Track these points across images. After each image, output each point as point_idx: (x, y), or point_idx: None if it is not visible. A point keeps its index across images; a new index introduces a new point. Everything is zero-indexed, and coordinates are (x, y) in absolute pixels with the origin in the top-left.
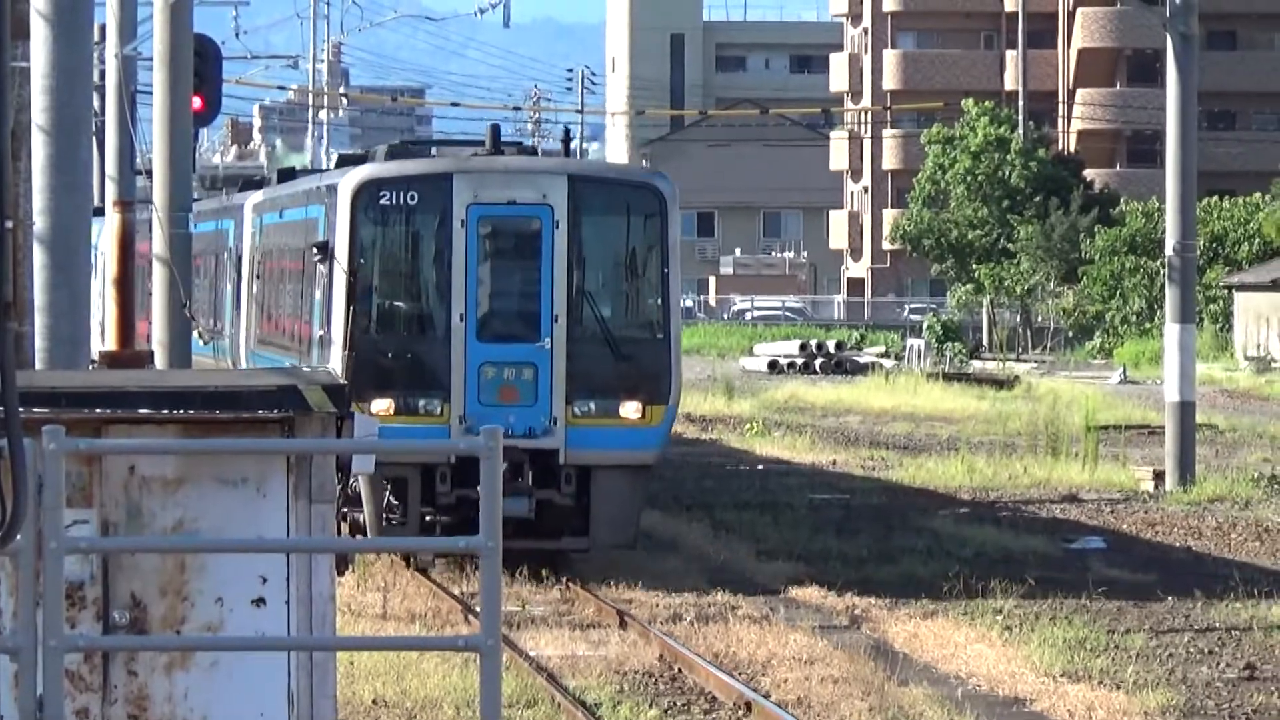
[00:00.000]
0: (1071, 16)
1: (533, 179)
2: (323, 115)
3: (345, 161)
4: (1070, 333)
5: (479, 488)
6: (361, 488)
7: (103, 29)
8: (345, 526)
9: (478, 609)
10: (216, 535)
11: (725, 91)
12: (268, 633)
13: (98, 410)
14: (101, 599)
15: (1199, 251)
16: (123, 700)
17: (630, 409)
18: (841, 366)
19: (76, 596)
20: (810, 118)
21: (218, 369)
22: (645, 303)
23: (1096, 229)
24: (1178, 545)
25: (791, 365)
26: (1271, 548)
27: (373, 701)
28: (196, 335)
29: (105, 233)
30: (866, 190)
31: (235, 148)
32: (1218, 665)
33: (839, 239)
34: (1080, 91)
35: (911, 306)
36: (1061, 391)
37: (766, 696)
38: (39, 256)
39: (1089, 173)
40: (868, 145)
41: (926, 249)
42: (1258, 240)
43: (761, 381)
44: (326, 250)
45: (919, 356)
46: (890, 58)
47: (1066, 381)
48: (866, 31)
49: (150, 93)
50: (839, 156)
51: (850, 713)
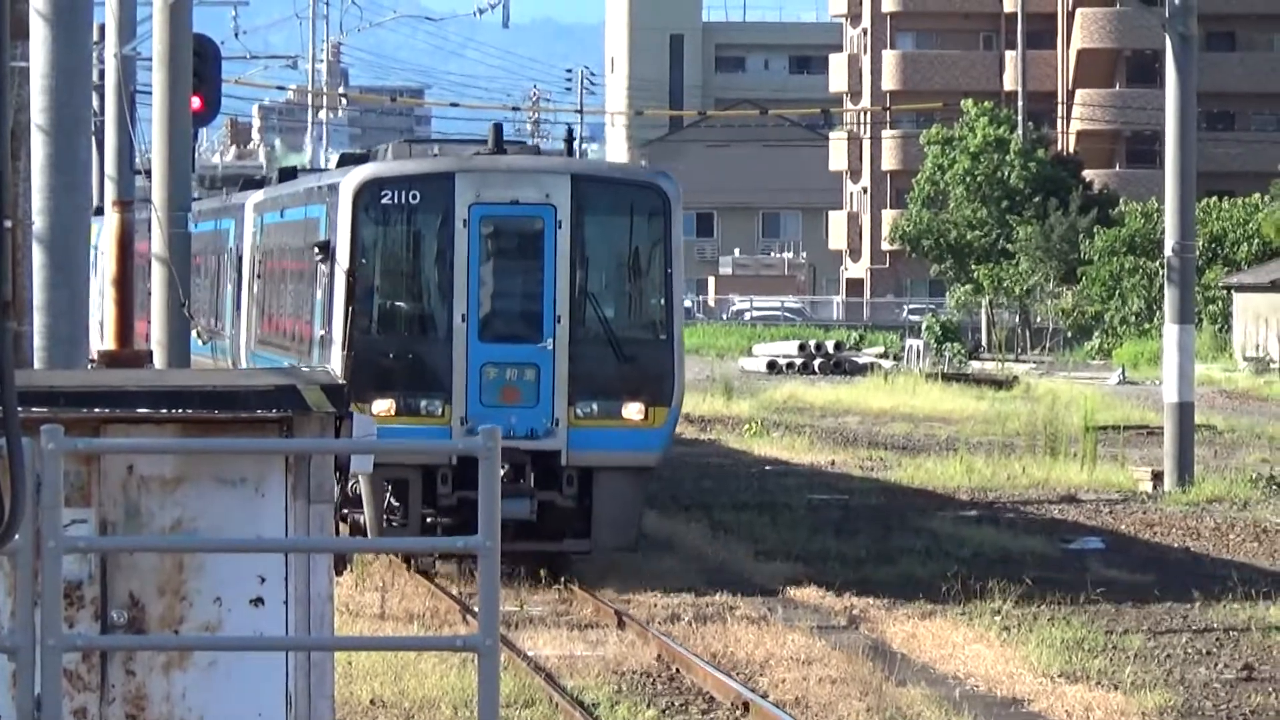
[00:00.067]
0: (1071, 17)
1: (536, 178)
2: (322, 115)
3: (347, 160)
4: (1069, 333)
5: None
6: (362, 489)
7: (102, 29)
8: (345, 527)
9: (476, 609)
10: (215, 535)
11: (724, 92)
12: (266, 632)
13: (96, 410)
14: (100, 598)
15: (1198, 252)
16: (121, 700)
17: (633, 410)
18: (840, 367)
19: (75, 596)
20: (809, 118)
21: (216, 369)
22: (648, 303)
23: (1095, 229)
24: (1176, 546)
25: (790, 366)
26: (1270, 548)
27: (370, 701)
28: (195, 335)
29: (104, 232)
30: (865, 191)
31: (234, 148)
32: (1216, 666)
33: (838, 239)
34: (1079, 92)
35: (910, 307)
36: (1060, 392)
37: (764, 696)
38: (38, 256)
39: (1088, 173)
40: (867, 146)
41: (925, 249)
42: (1257, 241)
43: (760, 382)
44: (328, 250)
45: (918, 357)
46: (889, 58)
47: (1065, 382)
48: (866, 32)
49: (149, 92)
50: (838, 157)
51: (848, 713)
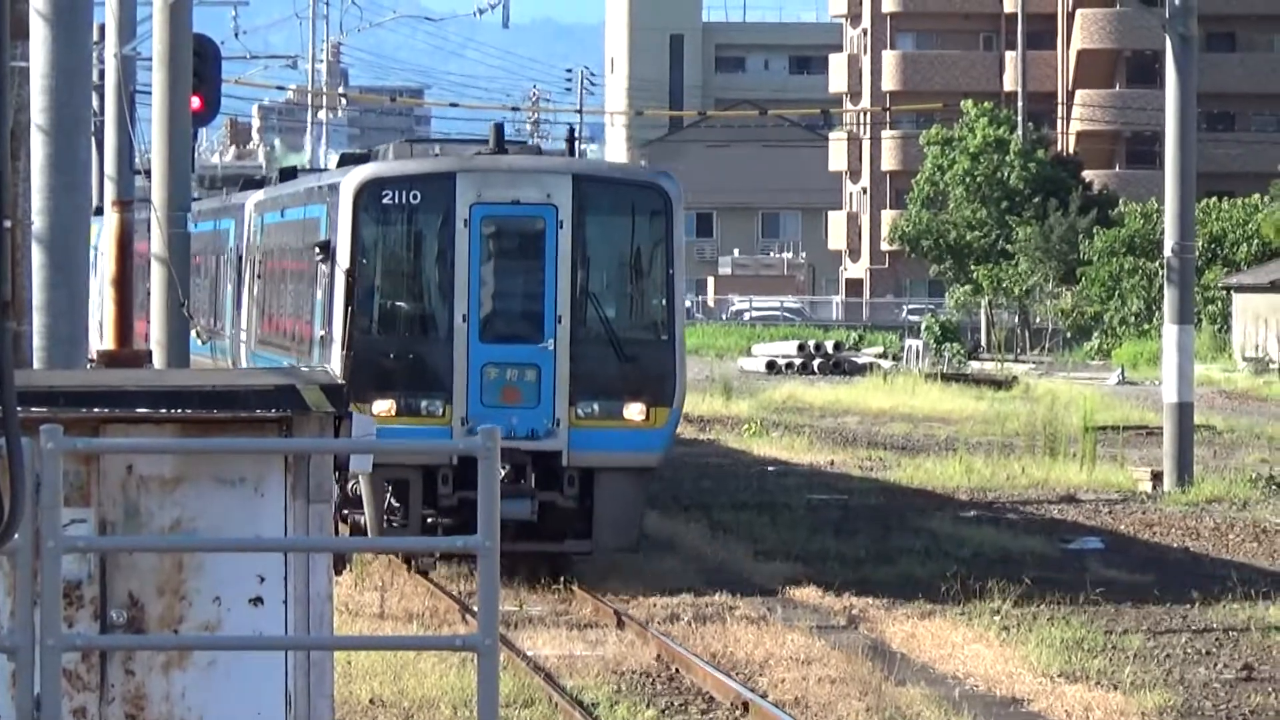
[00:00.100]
0: (1071, 18)
1: (537, 178)
2: (322, 115)
3: (348, 160)
4: (1068, 333)
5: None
6: (363, 489)
7: (102, 29)
8: (346, 528)
9: (475, 609)
10: (214, 534)
11: (724, 92)
12: (265, 632)
13: (96, 409)
14: (99, 598)
15: (1197, 252)
16: (120, 699)
17: (634, 411)
18: (840, 367)
19: (74, 595)
20: (809, 118)
21: (216, 369)
22: (649, 304)
23: (1095, 230)
24: (1175, 546)
25: (789, 366)
26: (1269, 548)
27: (370, 701)
28: (194, 335)
29: (104, 232)
30: (865, 191)
31: (234, 147)
32: (1215, 666)
33: (837, 240)
34: (1079, 93)
35: (910, 307)
36: (1060, 392)
37: (764, 696)
38: (37, 256)
39: (1088, 174)
40: (866, 146)
41: (925, 250)
42: (1256, 241)
43: (759, 382)
44: (328, 250)
45: (917, 357)
46: (889, 59)
47: (1065, 382)
48: (866, 32)
49: (149, 92)
50: (838, 157)
51: (847, 713)
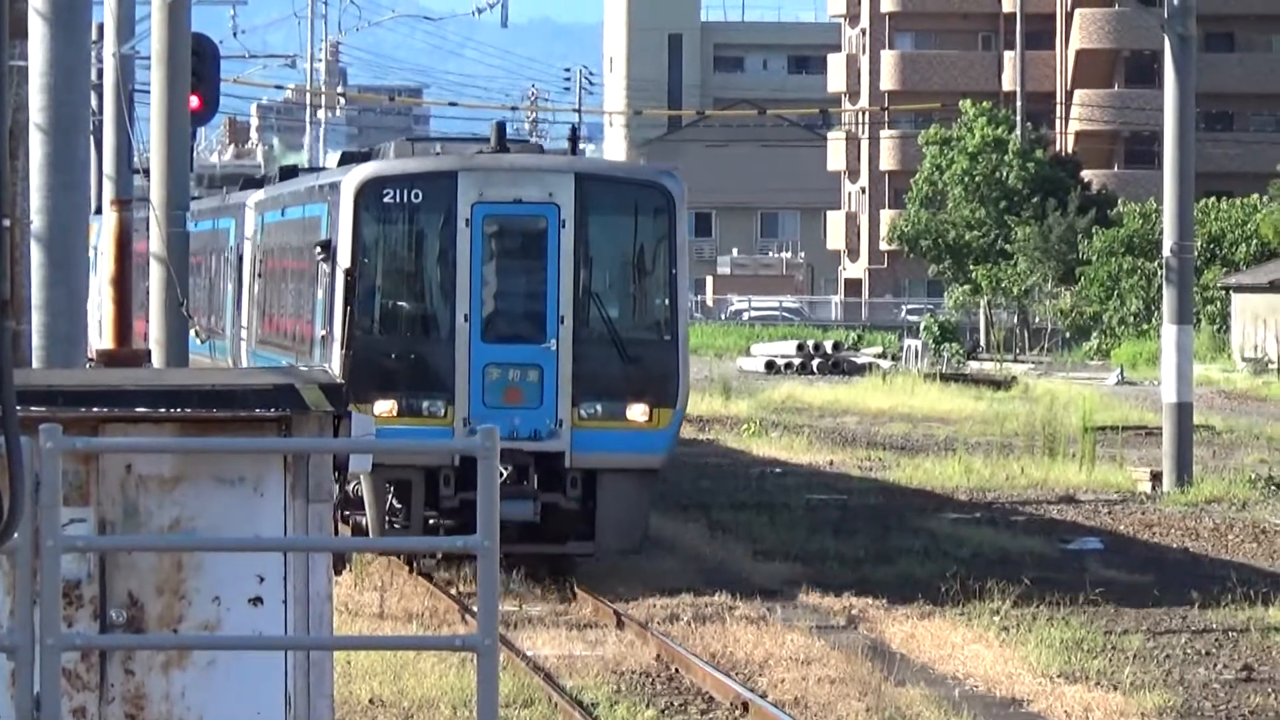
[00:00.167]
0: (1069, 17)
1: (539, 177)
2: (320, 114)
3: (349, 159)
4: (1067, 334)
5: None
6: (364, 490)
7: (100, 28)
8: (347, 529)
9: (474, 609)
10: (213, 534)
11: (723, 92)
12: (265, 632)
13: (95, 409)
14: (98, 598)
15: (1196, 252)
16: (120, 699)
17: (637, 412)
18: (839, 367)
19: (73, 595)
20: (808, 118)
21: (215, 368)
22: (652, 303)
23: (1094, 230)
24: (1175, 546)
25: (789, 365)
26: (1268, 549)
27: (370, 701)
28: (193, 334)
29: (103, 231)
30: (864, 191)
31: (233, 147)
32: (1215, 666)
33: (836, 239)
34: (1078, 92)
35: (909, 307)
36: (1059, 392)
37: (763, 696)
38: (36, 255)
39: (1086, 174)
40: (865, 146)
41: (924, 250)
42: (1255, 241)
43: (758, 382)
44: (329, 249)
45: (916, 357)
46: (888, 58)
47: (1064, 382)
48: (864, 32)
49: (148, 91)
50: (836, 157)
51: (847, 713)
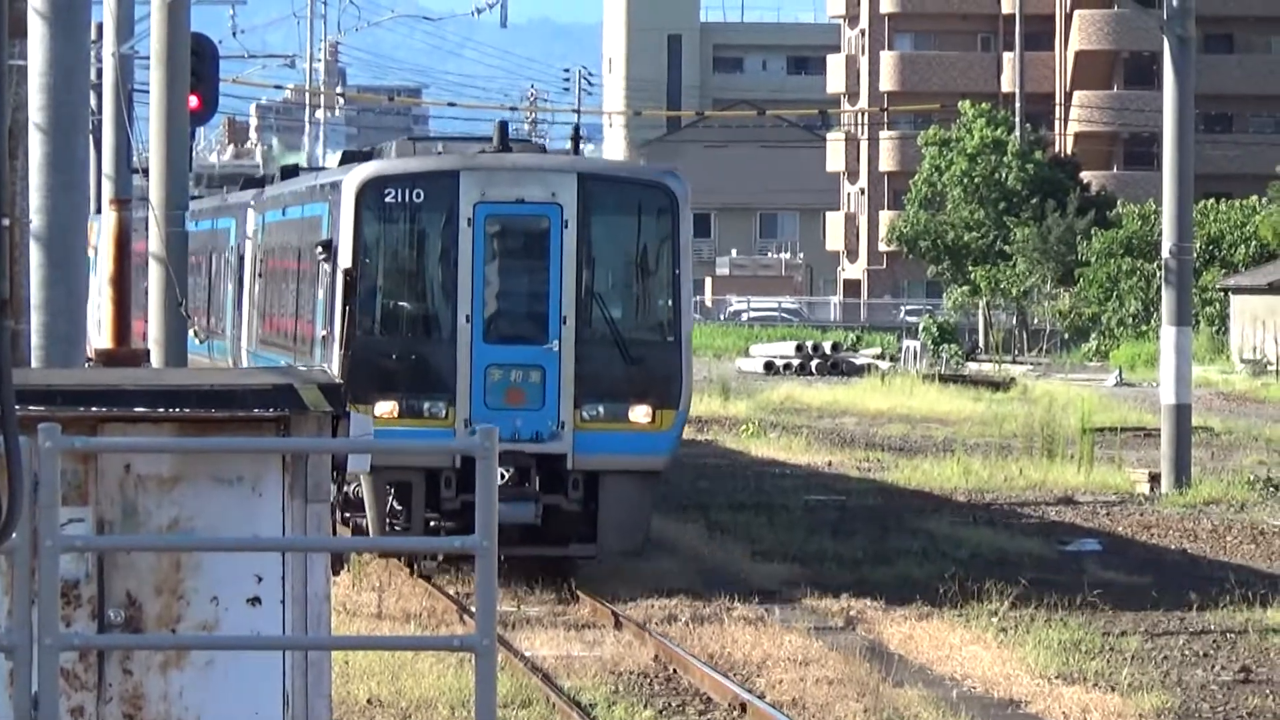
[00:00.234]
0: (1069, 19)
1: (542, 177)
2: (319, 114)
3: (350, 158)
4: (1066, 335)
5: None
6: (364, 491)
7: (100, 27)
8: (348, 531)
9: (473, 609)
10: (212, 534)
11: (722, 92)
12: (263, 632)
13: (94, 408)
14: (97, 597)
15: (1195, 254)
16: (118, 699)
17: (640, 413)
18: (837, 368)
19: (72, 595)
20: (807, 119)
21: (213, 368)
22: (655, 304)
23: (1093, 231)
24: (1173, 548)
25: (787, 366)
26: (1267, 550)
27: (368, 701)
28: (192, 334)
29: (102, 231)
30: (863, 192)
31: (232, 147)
32: (1213, 668)
33: (835, 240)
34: (1077, 94)
35: (907, 308)
36: (1057, 393)
37: (761, 697)
38: (36, 255)
39: (1086, 175)
40: (864, 147)
41: (923, 251)
42: (1254, 243)
43: (757, 382)
44: (330, 249)
45: (915, 358)
46: (887, 59)
47: (1062, 383)
48: (864, 33)
49: (147, 91)
50: (836, 158)
51: (845, 714)
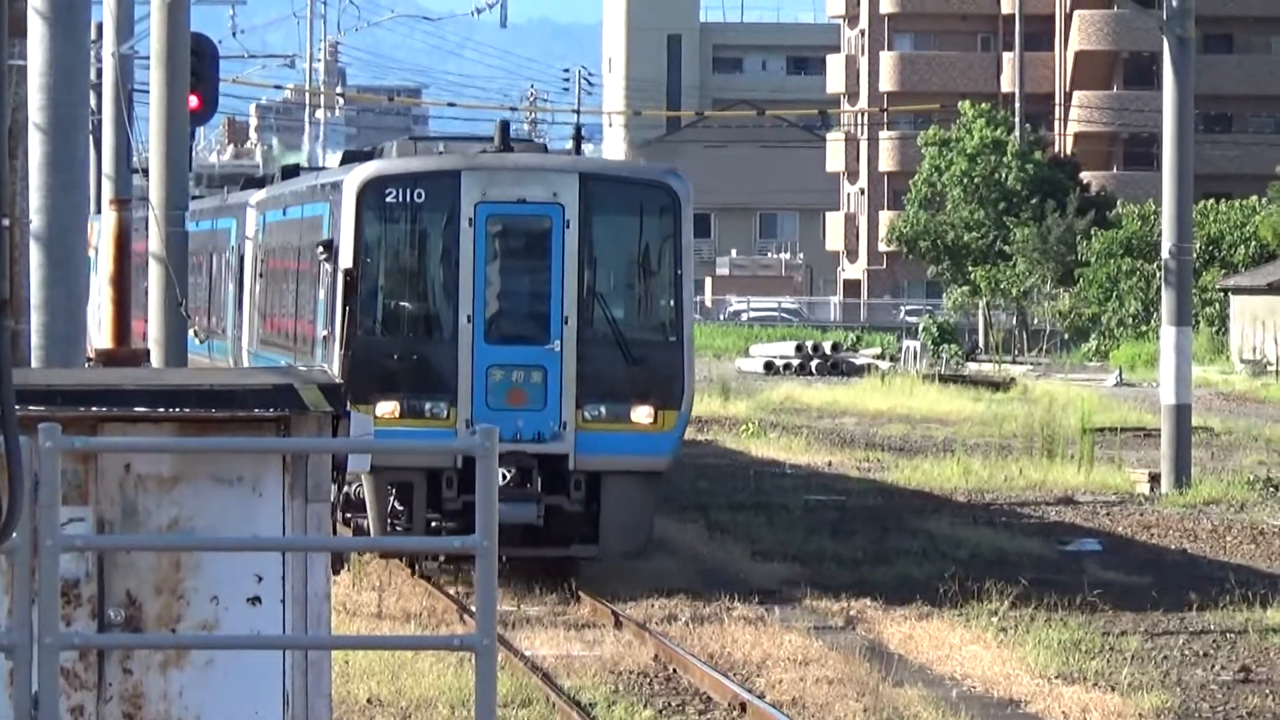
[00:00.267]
0: (1068, 19)
1: (543, 177)
2: (319, 114)
3: (351, 158)
4: (1066, 335)
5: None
6: (365, 492)
7: (100, 27)
8: (349, 531)
9: (473, 608)
10: (212, 534)
11: (722, 92)
12: (263, 631)
13: (94, 408)
14: (97, 597)
15: (1195, 254)
16: (118, 698)
17: (642, 414)
18: (837, 368)
19: (72, 594)
20: (807, 119)
21: (213, 368)
22: (657, 304)
23: (1093, 231)
24: (1173, 548)
25: (787, 366)
26: (1267, 550)
27: (368, 700)
28: (192, 334)
29: (102, 231)
30: (863, 192)
31: (232, 146)
32: (1213, 668)
33: (835, 240)
34: (1077, 94)
35: (907, 308)
36: (1057, 394)
37: (761, 697)
38: (36, 255)
39: (1085, 175)
40: (864, 147)
41: (923, 251)
42: (1254, 243)
43: (757, 382)
44: (331, 249)
45: (915, 358)
46: (887, 59)
47: (1062, 384)
48: (863, 33)
49: (147, 91)
50: (835, 158)
51: (845, 714)
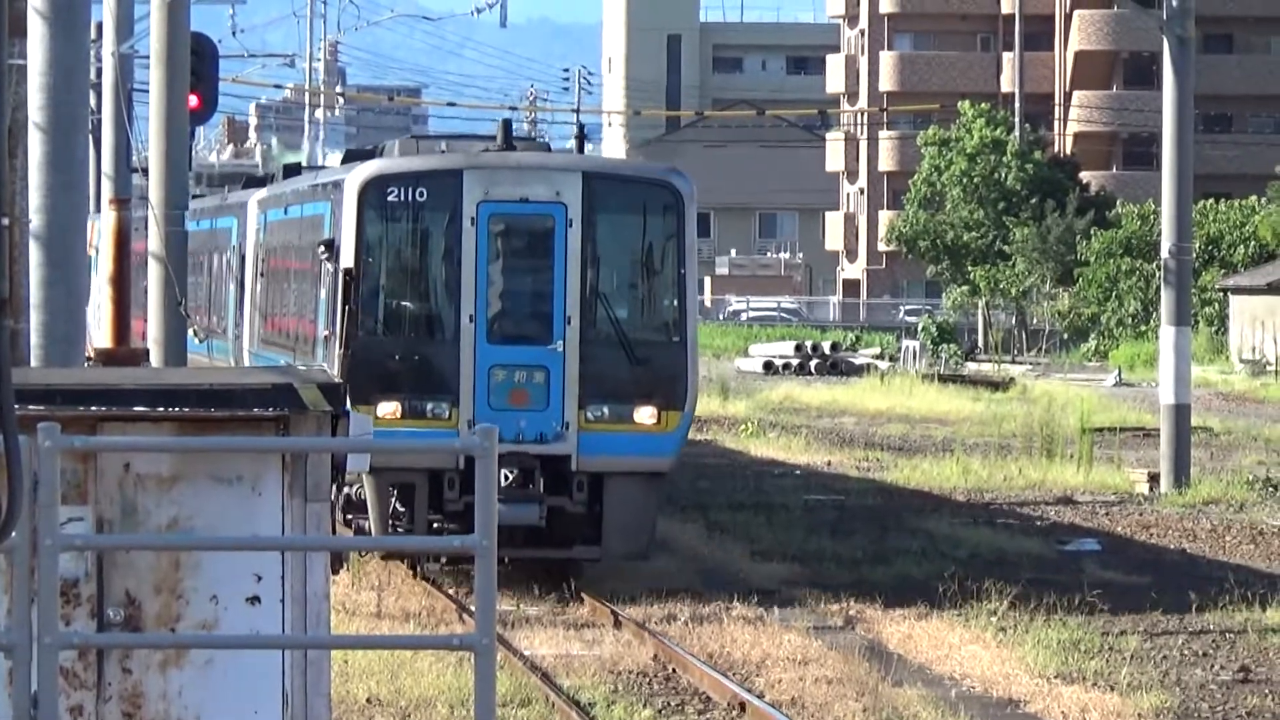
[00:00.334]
0: (1068, 19)
1: (546, 176)
2: (319, 114)
3: (352, 157)
4: (1066, 335)
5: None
6: (367, 493)
7: (100, 26)
8: (350, 533)
9: (472, 608)
10: (211, 533)
11: (722, 92)
12: (262, 631)
13: (93, 408)
14: (96, 596)
15: (1194, 254)
16: (117, 698)
17: (645, 414)
18: (837, 368)
19: (71, 594)
20: (807, 119)
21: (213, 367)
22: (661, 304)
23: (1092, 231)
24: (1172, 548)
25: (787, 366)
26: (1266, 550)
27: (367, 700)
28: (192, 333)
29: (102, 230)
30: (862, 191)
31: (231, 146)
32: (1212, 668)
33: (835, 240)
34: (1076, 94)
35: (907, 308)
36: (1056, 393)
37: (760, 697)
38: (35, 254)
39: (1085, 175)
40: (864, 147)
41: (922, 250)
42: (1253, 243)
43: (757, 382)
44: (332, 248)
45: (914, 358)
46: (887, 59)
47: (1062, 383)
48: (863, 33)
49: (147, 90)
50: (835, 158)
51: (844, 713)
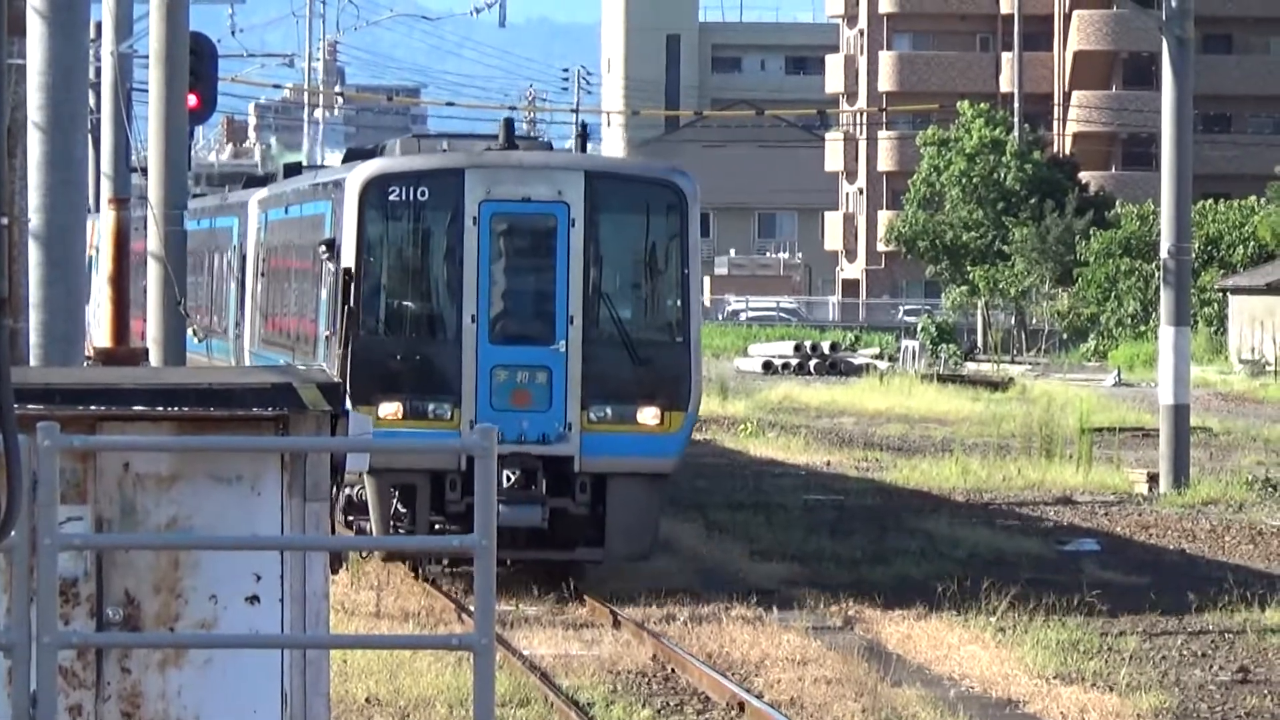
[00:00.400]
0: (1067, 19)
1: (548, 175)
2: (318, 114)
3: (353, 156)
4: (1065, 335)
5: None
6: (368, 494)
7: (99, 26)
8: (350, 533)
9: (471, 608)
10: (210, 532)
11: (721, 92)
12: (261, 630)
13: (92, 407)
14: (95, 596)
15: (1194, 254)
16: (116, 697)
17: (648, 415)
18: (836, 368)
19: (70, 593)
20: (806, 119)
21: (212, 367)
22: (664, 304)
23: (1092, 231)
24: (1171, 548)
25: (786, 366)
26: (1265, 550)
27: (366, 700)
28: (191, 333)
29: (101, 230)
30: (862, 192)
31: (230, 146)
32: (1211, 668)
33: (834, 240)
34: (1076, 94)
35: (906, 308)
36: (1056, 394)
37: (759, 697)
38: (35, 253)
39: (1084, 175)
40: (863, 147)
41: (921, 251)
42: (1253, 243)
43: (756, 382)
44: (333, 247)
45: (913, 358)
46: (886, 59)
47: (1061, 384)
48: (862, 33)
49: (146, 90)
50: (834, 158)
51: (843, 714)
